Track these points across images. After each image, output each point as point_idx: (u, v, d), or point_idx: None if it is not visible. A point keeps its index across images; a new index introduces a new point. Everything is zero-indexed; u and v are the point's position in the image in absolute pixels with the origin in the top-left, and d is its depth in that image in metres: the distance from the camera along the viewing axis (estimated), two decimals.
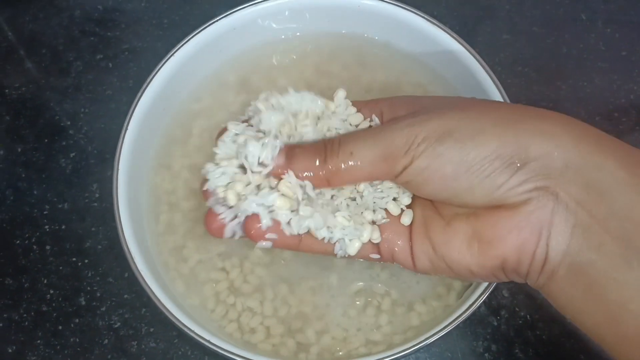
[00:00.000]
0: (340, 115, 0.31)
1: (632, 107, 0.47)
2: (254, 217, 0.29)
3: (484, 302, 0.39)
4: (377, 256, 0.30)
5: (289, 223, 0.29)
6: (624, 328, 0.24)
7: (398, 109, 0.30)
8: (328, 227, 0.29)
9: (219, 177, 0.30)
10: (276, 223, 0.29)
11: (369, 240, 0.30)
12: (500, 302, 0.40)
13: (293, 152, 0.29)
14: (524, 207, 0.25)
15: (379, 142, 0.27)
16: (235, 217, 0.30)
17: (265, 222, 0.29)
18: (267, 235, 0.29)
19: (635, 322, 0.23)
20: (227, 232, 0.30)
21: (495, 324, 0.40)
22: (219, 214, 0.30)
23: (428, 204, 0.30)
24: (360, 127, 0.31)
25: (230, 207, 0.30)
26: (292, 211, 0.29)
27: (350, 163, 0.28)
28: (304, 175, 0.29)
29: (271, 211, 0.29)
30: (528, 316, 0.40)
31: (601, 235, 0.24)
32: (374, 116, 0.31)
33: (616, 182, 0.24)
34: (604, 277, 0.24)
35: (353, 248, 0.30)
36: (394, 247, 0.30)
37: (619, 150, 0.25)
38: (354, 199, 0.31)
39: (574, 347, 0.39)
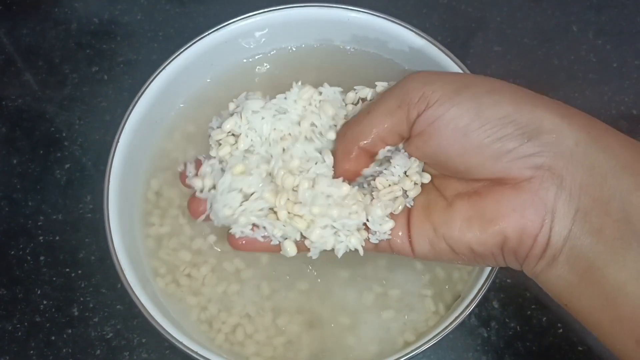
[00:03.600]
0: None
1: (623, 118, 0.47)
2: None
3: (474, 313, 0.40)
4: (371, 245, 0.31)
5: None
6: (620, 311, 0.24)
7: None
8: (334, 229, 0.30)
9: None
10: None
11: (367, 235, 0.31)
12: (491, 313, 0.40)
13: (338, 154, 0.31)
14: (528, 185, 0.25)
15: (394, 92, 0.28)
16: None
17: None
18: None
19: (631, 305, 0.24)
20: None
21: (486, 335, 0.40)
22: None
23: (431, 188, 0.31)
24: None
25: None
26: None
27: (367, 119, 0.29)
28: (349, 162, 0.30)
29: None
30: (518, 327, 0.40)
31: (602, 219, 0.24)
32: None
33: (620, 165, 0.25)
34: (602, 260, 0.24)
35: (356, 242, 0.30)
36: (393, 237, 0.30)
37: (621, 137, 0.26)
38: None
39: (564, 358, 0.39)
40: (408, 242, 0.30)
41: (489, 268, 0.33)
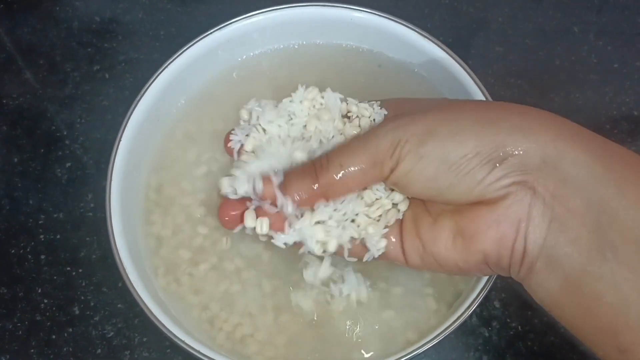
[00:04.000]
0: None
1: (623, 118, 0.48)
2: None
3: (475, 313, 0.40)
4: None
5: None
6: (600, 320, 0.24)
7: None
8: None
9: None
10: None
11: (360, 242, 0.31)
12: (492, 312, 0.40)
13: (289, 179, 0.30)
14: (502, 201, 0.26)
15: (366, 149, 0.28)
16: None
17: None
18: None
19: (609, 315, 0.24)
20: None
21: (487, 334, 0.40)
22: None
23: (418, 202, 0.31)
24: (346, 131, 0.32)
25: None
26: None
27: (341, 174, 0.29)
28: (299, 196, 0.30)
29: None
30: (519, 327, 0.40)
31: (577, 229, 0.24)
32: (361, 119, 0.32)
33: (592, 177, 0.25)
34: (579, 270, 0.24)
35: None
36: (388, 247, 0.31)
37: (595, 144, 0.26)
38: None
39: (565, 358, 0.39)
40: (401, 251, 0.31)
41: None
